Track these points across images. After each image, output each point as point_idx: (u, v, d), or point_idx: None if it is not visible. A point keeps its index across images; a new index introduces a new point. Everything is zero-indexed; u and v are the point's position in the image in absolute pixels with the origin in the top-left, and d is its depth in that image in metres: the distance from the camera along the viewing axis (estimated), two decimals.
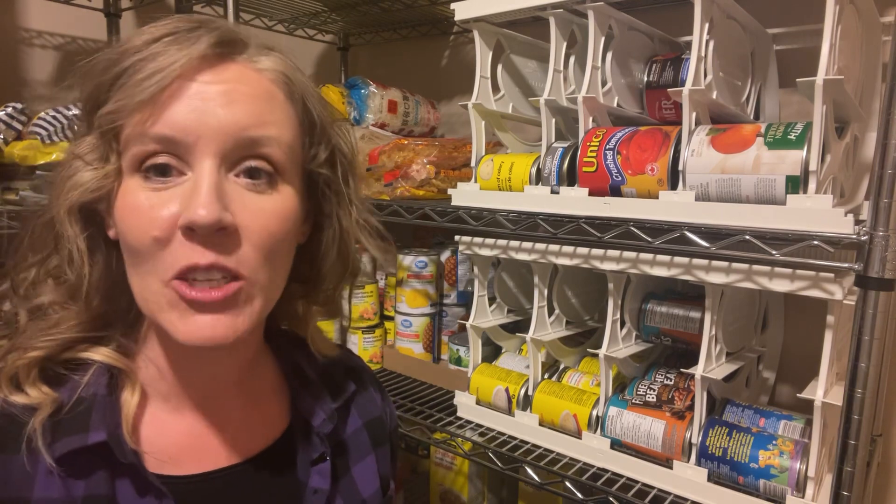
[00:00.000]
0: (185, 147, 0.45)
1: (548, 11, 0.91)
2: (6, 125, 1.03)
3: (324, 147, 0.54)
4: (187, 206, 0.44)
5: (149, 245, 0.45)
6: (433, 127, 1.49)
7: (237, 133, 0.46)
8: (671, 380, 0.94)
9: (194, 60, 0.46)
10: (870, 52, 0.85)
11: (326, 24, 1.53)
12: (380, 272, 1.39)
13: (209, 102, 0.46)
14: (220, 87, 0.46)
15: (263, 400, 0.59)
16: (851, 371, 0.65)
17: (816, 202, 0.67)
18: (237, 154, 0.47)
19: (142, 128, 0.45)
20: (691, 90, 0.76)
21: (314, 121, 0.53)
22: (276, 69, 0.50)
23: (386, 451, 0.67)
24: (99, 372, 0.51)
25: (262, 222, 0.48)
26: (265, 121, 0.48)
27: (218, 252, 0.45)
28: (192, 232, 0.45)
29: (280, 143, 0.49)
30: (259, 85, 0.49)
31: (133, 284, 0.48)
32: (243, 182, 0.48)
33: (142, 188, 0.46)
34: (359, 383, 0.66)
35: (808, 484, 0.74)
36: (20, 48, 1.35)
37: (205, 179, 0.45)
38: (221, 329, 0.47)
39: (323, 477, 0.56)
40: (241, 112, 0.47)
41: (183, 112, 0.45)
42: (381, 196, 1.13)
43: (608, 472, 0.89)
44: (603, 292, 0.94)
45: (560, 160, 0.89)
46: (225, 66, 0.48)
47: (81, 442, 0.47)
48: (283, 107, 0.50)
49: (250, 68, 0.49)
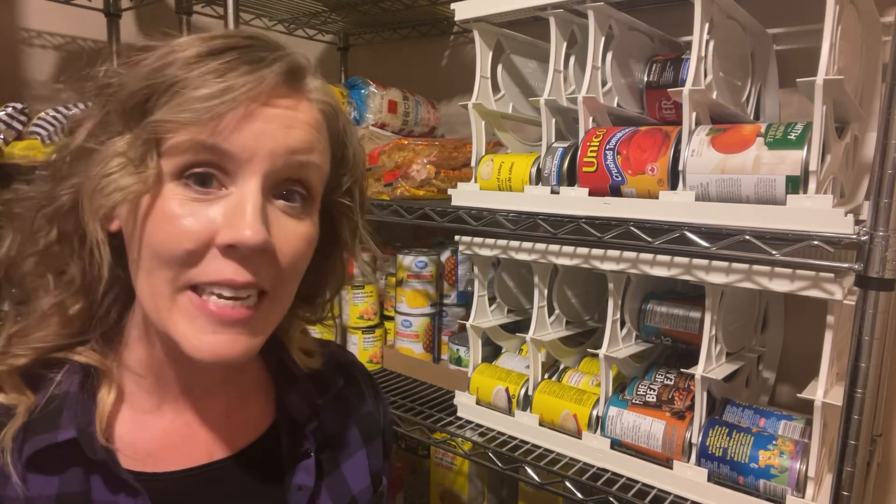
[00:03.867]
0: (236, 163, 0.46)
1: (548, 11, 0.91)
2: (6, 125, 1.03)
3: (347, 178, 0.56)
4: (230, 224, 0.45)
5: (179, 256, 0.45)
6: (433, 127, 1.49)
7: (288, 156, 0.47)
8: (671, 380, 0.94)
9: (266, 86, 0.46)
10: (870, 52, 0.85)
11: (326, 24, 1.53)
12: (380, 272, 1.39)
13: (270, 125, 0.46)
14: (282, 112, 0.47)
15: (248, 396, 0.59)
16: (851, 371, 0.65)
17: (816, 202, 0.67)
18: (282, 176, 0.48)
19: (200, 139, 0.45)
20: (691, 90, 0.76)
21: (347, 155, 0.55)
22: (325, 100, 0.51)
23: (377, 447, 0.66)
24: (72, 370, 0.51)
25: (295, 245, 0.49)
26: (314, 148, 0.49)
27: (252, 271, 0.46)
28: (232, 250, 0.45)
29: (320, 171, 0.50)
30: (311, 113, 0.50)
31: (141, 287, 0.48)
32: (280, 205, 0.48)
33: (180, 196, 0.45)
34: (349, 379, 0.66)
35: (808, 484, 0.74)
36: (20, 48, 1.35)
37: (250, 199, 0.45)
38: (239, 348, 0.47)
39: (307, 473, 0.56)
40: (297, 138, 0.48)
41: (246, 132, 0.45)
42: (381, 196, 1.13)
43: (608, 472, 0.89)
44: (603, 292, 0.94)
45: (560, 160, 0.89)
46: (289, 93, 0.48)
47: (52, 439, 0.47)
48: (326, 136, 0.51)
49: (304, 96, 0.50)
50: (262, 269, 0.47)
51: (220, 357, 0.47)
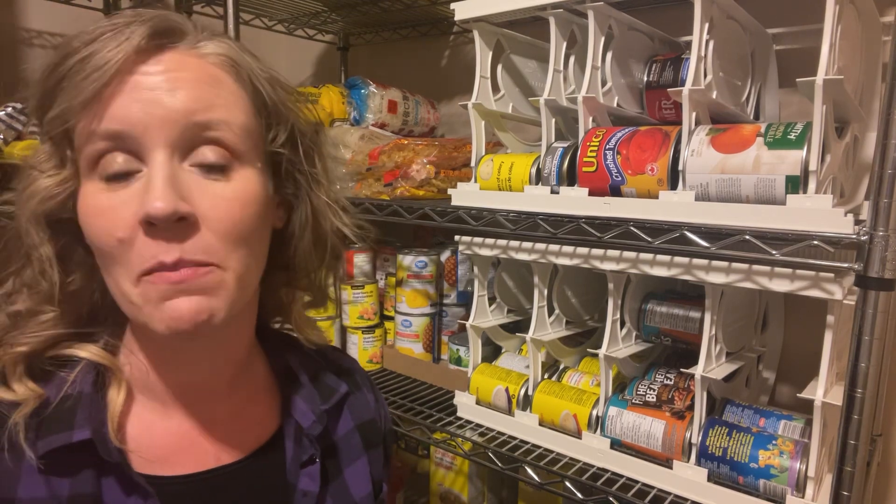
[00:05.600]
0: (134, 140, 0.45)
1: (548, 11, 0.91)
2: (6, 125, 1.03)
3: (283, 128, 0.53)
4: (142, 200, 0.44)
5: (115, 246, 0.45)
6: (433, 127, 1.49)
7: (184, 119, 0.45)
8: (671, 380, 0.94)
9: (131, 54, 0.45)
10: (870, 52, 0.85)
11: (326, 24, 1.53)
12: (380, 272, 1.39)
13: (151, 92, 0.45)
14: (160, 77, 0.46)
15: (254, 400, 0.59)
16: (851, 371, 0.65)
17: (816, 202, 0.67)
18: (188, 141, 0.46)
19: (89, 127, 0.45)
20: (691, 90, 0.76)
21: (265, 101, 0.52)
22: (220, 53, 0.49)
23: (379, 454, 0.66)
24: (86, 369, 0.51)
25: (224, 209, 0.47)
26: (212, 104, 0.47)
27: (182, 244, 0.45)
28: (152, 226, 0.44)
29: (231, 126, 0.48)
30: (201, 69, 0.48)
31: (109, 286, 0.48)
32: (198, 170, 0.47)
33: (100, 190, 0.46)
34: (351, 384, 0.66)
35: (808, 484, 0.74)
36: (20, 48, 1.35)
37: (158, 171, 0.44)
38: (199, 312, 0.46)
39: (312, 479, 0.56)
40: (185, 97, 0.46)
41: (126, 105, 0.44)
42: (380, 196, 1.13)
43: (608, 472, 0.89)
44: (603, 292, 0.94)
45: (560, 160, 0.89)
46: (163, 56, 0.47)
47: (66, 440, 0.46)
48: (231, 90, 0.49)
49: (191, 55, 0.48)
50: (193, 240, 0.45)
51: (184, 324, 0.45)
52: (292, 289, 0.61)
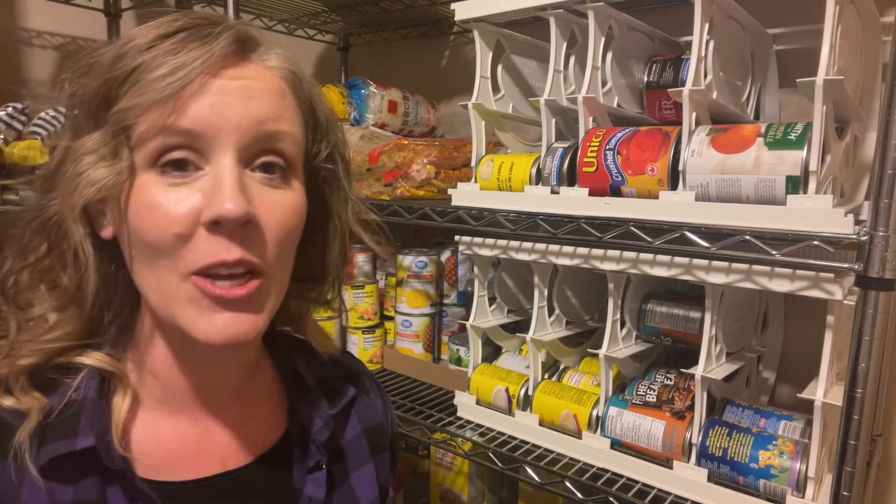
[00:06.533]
0: (205, 141, 0.45)
1: (548, 11, 0.91)
2: (6, 125, 1.04)
3: (325, 144, 0.55)
4: (211, 200, 0.45)
5: (170, 242, 0.45)
6: (433, 127, 1.49)
7: (256, 127, 0.47)
8: (671, 380, 0.94)
9: (216, 57, 0.46)
10: (870, 52, 0.85)
11: (326, 24, 1.53)
12: (380, 272, 1.39)
13: (229, 97, 0.46)
14: (239, 83, 0.47)
15: (261, 405, 0.58)
16: (851, 371, 0.65)
17: (816, 202, 0.67)
18: (254, 148, 0.48)
19: (162, 122, 0.45)
20: (691, 90, 0.76)
21: (319, 119, 0.54)
22: (286, 67, 0.51)
23: (385, 459, 0.66)
24: (90, 375, 0.50)
25: (280, 216, 0.48)
26: (280, 116, 0.49)
27: (242, 247, 0.46)
28: (217, 226, 0.45)
29: (292, 138, 0.50)
30: (272, 82, 0.49)
31: (145, 282, 0.48)
32: (259, 177, 0.48)
33: (159, 184, 0.46)
34: (359, 388, 0.65)
35: (808, 484, 0.74)
36: (20, 48, 1.35)
37: (227, 173, 0.45)
38: (244, 326, 0.47)
39: (318, 485, 0.56)
40: (260, 107, 0.47)
41: (206, 107, 0.45)
42: (381, 196, 1.13)
43: (608, 473, 0.89)
44: (603, 292, 0.94)
45: (560, 160, 0.89)
46: (243, 64, 0.48)
47: (69, 447, 0.46)
48: (292, 104, 0.51)
49: (263, 66, 0.50)
50: (251, 243, 0.46)
51: (226, 338, 0.46)
52: (307, 301, 0.62)
